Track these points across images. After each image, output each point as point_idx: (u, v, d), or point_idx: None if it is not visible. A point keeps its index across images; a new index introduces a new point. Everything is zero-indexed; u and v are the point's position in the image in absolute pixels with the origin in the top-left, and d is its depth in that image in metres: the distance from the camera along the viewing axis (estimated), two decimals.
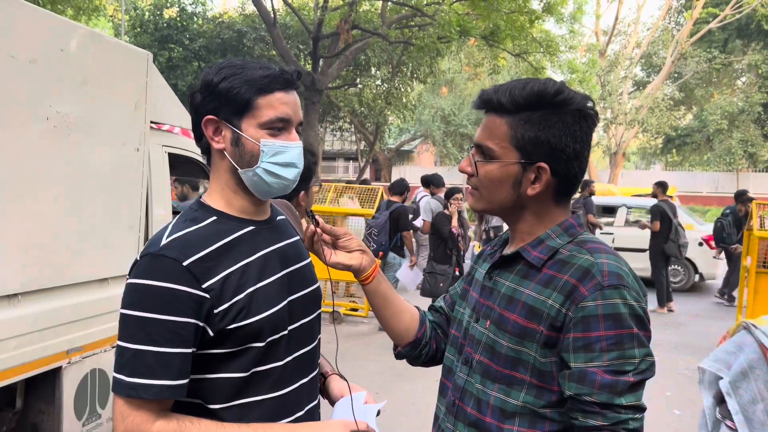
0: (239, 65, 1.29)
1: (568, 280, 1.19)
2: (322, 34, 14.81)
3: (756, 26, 25.43)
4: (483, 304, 1.35)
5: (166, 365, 1.17)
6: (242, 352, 1.26)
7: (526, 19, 13.39)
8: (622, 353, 1.14)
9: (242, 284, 1.26)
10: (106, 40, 3.03)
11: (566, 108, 1.24)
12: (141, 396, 1.16)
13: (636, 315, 1.17)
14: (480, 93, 1.32)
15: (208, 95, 1.29)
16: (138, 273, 1.22)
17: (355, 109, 20.28)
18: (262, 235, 1.35)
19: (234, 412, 1.26)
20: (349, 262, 1.43)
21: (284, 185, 1.33)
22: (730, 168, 27.53)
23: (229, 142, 1.30)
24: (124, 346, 1.18)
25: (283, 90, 1.30)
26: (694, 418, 4.97)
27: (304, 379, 1.39)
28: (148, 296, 1.18)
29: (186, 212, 1.34)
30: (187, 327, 1.19)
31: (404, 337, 1.51)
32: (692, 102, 30.47)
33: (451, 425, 1.35)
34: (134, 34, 18.15)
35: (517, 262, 1.31)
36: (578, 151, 1.25)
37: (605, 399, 1.13)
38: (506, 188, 1.28)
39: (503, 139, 1.26)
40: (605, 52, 28.37)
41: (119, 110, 3.07)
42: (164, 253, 1.21)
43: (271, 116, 1.28)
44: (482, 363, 1.30)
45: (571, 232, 1.29)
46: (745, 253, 6.75)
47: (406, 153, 34.46)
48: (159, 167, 3.62)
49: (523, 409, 1.23)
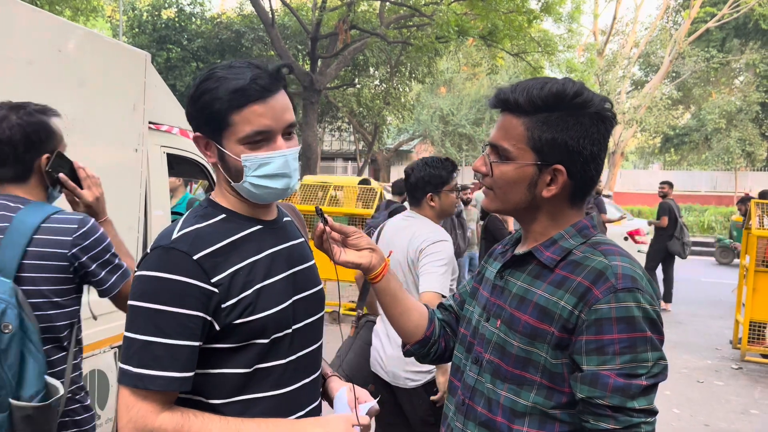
0: (219, 77, 1.25)
1: (582, 282, 1.19)
2: (320, 35, 14.82)
3: (754, 25, 25.46)
4: (494, 304, 1.34)
5: (174, 357, 1.18)
6: (246, 348, 1.26)
7: (524, 19, 13.39)
8: (636, 356, 1.14)
9: (250, 281, 1.27)
10: (104, 41, 3.03)
11: (584, 110, 1.22)
12: (148, 387, 1.17)
13: (650, 318, 1.16)
14: (497, 92, 1.30)
15: (192, 111, 1.29)
16: (149, 265, 1.22)
17: (354, 109, 20.27)
18: (269, 235, 1.36)
19: (234, 408, 1.26)
20: (359, 260, 1.43)
21: (276, 195, 1.33)
22: (728, 167, 27.55)
23: (217, 158, 1.31)
24: (133, 337, 1.19)
25: (259, 100, 1.24)
26: (693, 416, 4.99)
27: (307, 379, 1.39)
28: (159, 288, 1.19)
29: (196, 209, 1.35)
30: (195, 320, 1.20)
31: (413, 335, 1.51)
32: (690, 101, 30.49)
33: (461, 424, 1.34)
34: (132, 34, 18.14)
35: (529, 262, 1.31)
36: (595, 154, 1.24)
37: (618, 402, 1.13)
38: (521, 189, 1.27)
39: (520, 140, 1.25)
40: (603, 52, 28.37)
41: (117, 111, 3.07)
42: (176, 246, 1.22)
43: (247, 131, 1.25)
44: (492, 362, 1.29)
45: (584, 233, 1.28)
46: (743, 252, 6.76)
47: (405, 153, 34.45)
48: (157, 168, 3.61)
49: (533, 410, 1.23)
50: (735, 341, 6.92)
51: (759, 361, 6.53)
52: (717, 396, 5.44)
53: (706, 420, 4.84)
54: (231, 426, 1.21)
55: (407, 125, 27.36)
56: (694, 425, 4.86)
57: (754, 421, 4.87)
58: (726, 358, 6.67)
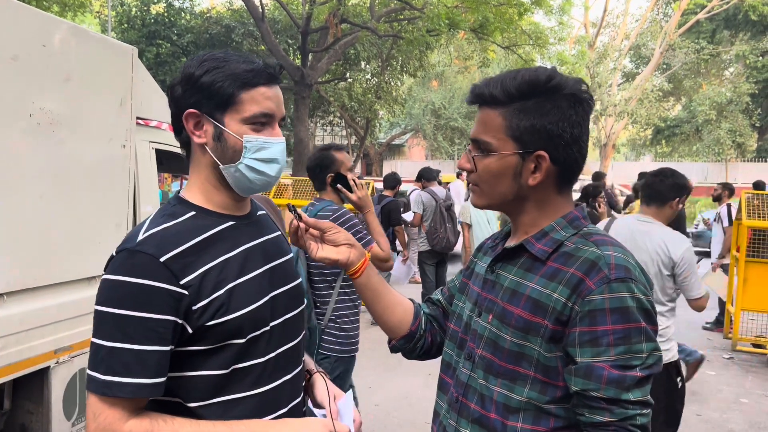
0: (222, 58, 1.27)
1: (575, 273, 1.17)
2: (310, 29, 14.74)
3: (743, 17, 25.56)
4: (485, 298, 1.32)
5: (143, 363, 1.15)
6: (222, 349, 1.23)
7: (515, 12, 13.38)
8: (630, 348, 1.12)
9: (222, 280, 1.23)
10: (90, 36, 2.99)
11: (560, 93, 1.21)
12: (116, 394, 1.14)
13: (644, 309, 1.14)
14: (471, 88, 1.29)
15: (190, 88, 1.26)
16: (114, 269, 1.19)
17: (345, 104, 20.20)
18: (242, 231, 1.33)
19: (214, 410, 1.24)
20: (336, 256, 1.39)
21: (266, 181, 1.31)
22: (718, 158, 27.70)
23: (211, 137, 1.27)
24: (99, 344, 1.16)
25: (267, 84, 1.28)
26: (685, 406, 5.01)
27: (287, 376, 1.36)
28: (125, 293, 1.16)
29: (164, 207, 1.32)
30: (165, 324, 1.16)
31: (398, 331, 1.49)
32: (681, 93, 30.61)
33: (454, 422, 1.32)
34: (121, 30, 17.99)
35: (520, 255, 1.29)
36: (576, 136, 1.23)
37: (612, 394, 1.11)
38: (507, 180, 1.25)
39: (499, 131, 1.23)
40: (594, 44, 28.42)
41: (104, 106, 3.03)
42: (141, 248, 1.18)
43: (254, 111, 1.26)
44: (485, 358, 1.27)
45: (575, 224, 1.27)
46: (734, 242, 6.80)
47: (397, 147, 34.42)
48: (146, 164, 3.58)
49: (527, 405, 1.21)
50: (726, 331, 6.96)
51: (750, 351, 6.58)
52: (709, 386, 5.47)
53: (698, 410, 4.87)
54: (203, 429, 1.19)
55: (399, 119, 27.33)
56: (687, 415, 4.88)
57: (746, 411, 4.90)
58: (717, 348, 6.71)
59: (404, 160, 34.83)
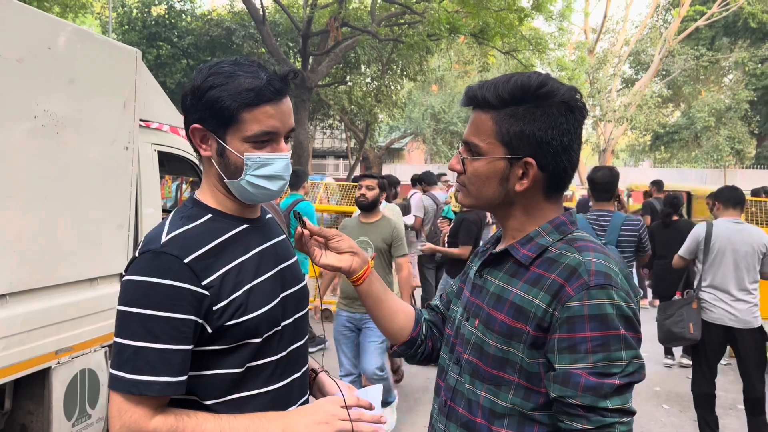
0: (228, 72, 1.26)
1: (556, 280, 1.17)
2: (311, 32, 14.76)
3: (743, 24, 25.63)
4: (473, 303, 1.33)
5: (168, 362, 1.17)
6: (238, 348, 1.27)
7: (515, 17, 13.40)
8: (609, 355, 1.11)
9: (240, 281, 1.27)
10: (94, 38, 3.01)
11: (551, 100, 1.20)
12: (143, 393, 1.16)
13: (624, 316, 1.13)
14: (466, 90, 1.30)
15: (195, 103, 1.28)
16: (138, 270, 1.21)
17: (345, 107, 20.20)
18: (254, 234, 1.37)
19: (228, 407, 1.27)
20: (339, 263, 1.43)
21: (269, 196, 1.34)
22: (717, 165, 27.72)
23: (215, 152, 1.30)
24: (124, 343, 1.18)
25: (271, 102, 1.26)
26: (683, 412, 5.03)
27: (297, 374, 1.41)
28: (151, 293, 1.18)
29: (181, 209, 1.34)
30: (188, 324, 1.19)
31: (399, 337, 1.51)
32: (680, 99, 30.66)
33: (443, 425, 1.33)
34: (122, 31, 17.98)
35: (506, 260, 1.29)
36: (566, 145, 1.22)
37: (589, 402, 1.10)
38: (494, 184, 1.26)
39: (489, 135, 1.24)
40: (594, 50, 28.47)
41: (108, 108, 3.05)
42: (166, 250, 1.21)
43: (255, 131, 1.26)
44: (471, 363, 1.28)
45: (561, 230, 1.26)
46: None
47: (397, 151, 34.42)
48: (148, 165, 3.59)
49: (512, 411, 1.21)
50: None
51: None
52: None
53: (695, 415, 4.87)
54: (224, 423, 1.21)
55: (399, 123, 27.34)
56: (684, 421, 4.90)
57: (742, 417, 4.90)
58: None
59: (404, 163, 34.85)
